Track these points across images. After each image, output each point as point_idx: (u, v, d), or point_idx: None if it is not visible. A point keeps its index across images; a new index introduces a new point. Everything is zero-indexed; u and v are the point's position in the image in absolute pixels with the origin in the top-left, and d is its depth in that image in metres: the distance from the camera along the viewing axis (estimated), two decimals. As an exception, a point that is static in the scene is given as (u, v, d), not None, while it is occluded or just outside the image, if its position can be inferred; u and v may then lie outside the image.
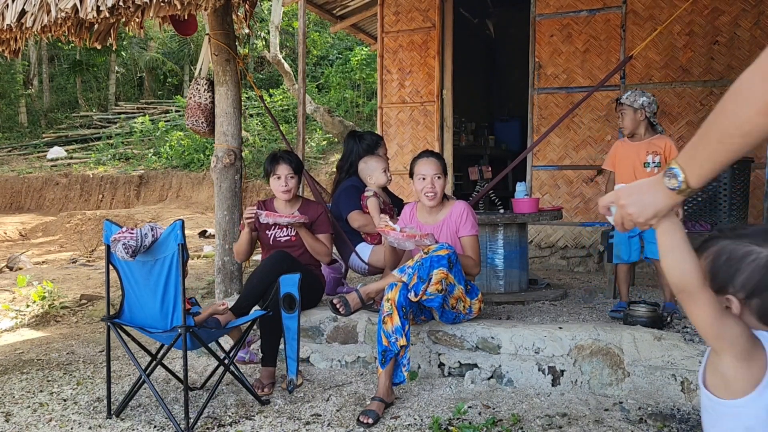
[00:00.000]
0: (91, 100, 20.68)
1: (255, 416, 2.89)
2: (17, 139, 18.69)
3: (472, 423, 2.70)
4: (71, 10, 3.25)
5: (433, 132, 6.39)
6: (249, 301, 3.29)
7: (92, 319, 5.13)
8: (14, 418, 2.95)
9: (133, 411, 3.01)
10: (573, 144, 5.72)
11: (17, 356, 4.08)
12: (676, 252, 1.16)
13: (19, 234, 11.96)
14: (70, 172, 15.14)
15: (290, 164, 3.52)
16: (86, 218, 11.49)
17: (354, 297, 3.04)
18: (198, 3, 3.24)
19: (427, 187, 3.21)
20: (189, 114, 4.10)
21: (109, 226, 2.87)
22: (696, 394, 2.87)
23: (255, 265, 4.41)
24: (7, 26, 3.42)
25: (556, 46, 5.72)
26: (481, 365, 3.19)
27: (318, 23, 17.72)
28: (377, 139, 4.14)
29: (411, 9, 6.45)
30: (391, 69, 6.59)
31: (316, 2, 7.41)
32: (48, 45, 19.59)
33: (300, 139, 5.48)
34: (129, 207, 13.58)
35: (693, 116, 5.33)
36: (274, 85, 17.89)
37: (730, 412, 1.15)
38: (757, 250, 1.15)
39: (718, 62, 5.24)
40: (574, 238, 5.66)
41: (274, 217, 3.35)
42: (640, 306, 3.29)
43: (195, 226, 10.35)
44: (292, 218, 3.35)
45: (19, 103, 20.00)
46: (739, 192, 4.02)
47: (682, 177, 1.08)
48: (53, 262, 8.84)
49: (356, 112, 14.53)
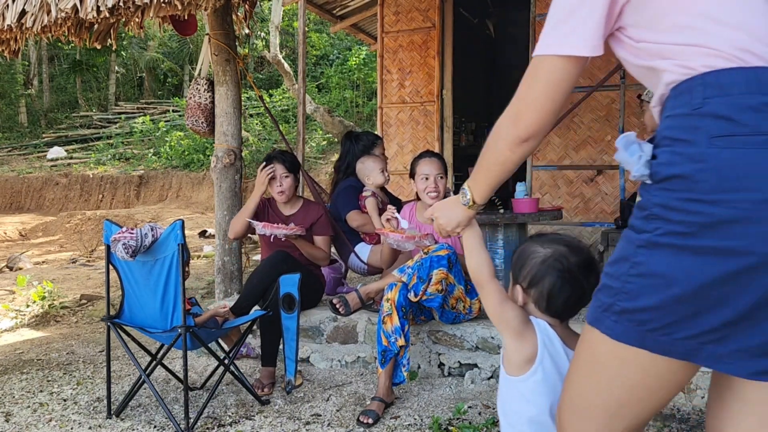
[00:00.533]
0: (91, 100, 20.69)
1: (255, 416, 2.89)
2: (17, 139, 18.69)
3: (472, 423, 2.70)
4: (71, 10, 3.25)
5: (433, 132, 6.39)
6: (249, 301, 3.29)
7: (92, 319, 5.13)
8: (14, 418, 2.95)
9: (133, 411, 3.01)
10: (573, 144, 5.72)
11: (17, 356, 4.08)
12: (474, 253, 1.48)
13: (19, 234, 11.96)
14: (70, 172, 15.14)
15: (284, 163, 3.51)
16: (86, 218, 11.49)
17: (354, 297, 3.04)
18: (198, 3, 3.24)
19: (430, 187, 3.21)
20: (189, 114, 4.10)
21: (109, 226, 2.87)
22: (696, 393, 2.88)
23: (255, 265, 4.42)
24: (7, 26, 3.42)
25: (556, 46, 5.72)
26: (481, 365, 3.19)
27: (318, 23, 17.72)
28: (374, 139, 4.13)
29: (411, 9, 6.45)
30: (391, 69, 6.59)
31: (316, 2, 7.41)
32: (48, 45, 19.60)
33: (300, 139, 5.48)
34: (129, 207, 13.58)
35: (693, 116, 5.34)
36: (274, 85, 17.89)
37: (514, 386, 1.40)
38: (539, 250, 1.42)
39: (718, 62, 5.25)
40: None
41: (271, 229, 3.34)
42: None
43: (195, 226, 10.35)
44: (290, 230, 3.33)
45: (19, 103, 20.00)
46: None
47: (469, 195, 1.37)
48: (53, 262, 8.84)
49: (356, 112, 14.54)
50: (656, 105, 1.10)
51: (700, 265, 0.95)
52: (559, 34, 1.13)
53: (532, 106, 1.15)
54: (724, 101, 0.95)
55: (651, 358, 1.02)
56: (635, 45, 1.08)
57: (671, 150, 0.99)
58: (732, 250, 0.93)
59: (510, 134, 1.20)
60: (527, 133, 1.17)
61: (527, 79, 1.17)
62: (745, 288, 0.93)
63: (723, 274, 0.94)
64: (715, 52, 0.98)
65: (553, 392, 1.34)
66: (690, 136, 0.97)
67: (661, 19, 1.03)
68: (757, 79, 0.95)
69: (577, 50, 1.10)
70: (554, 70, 1.12)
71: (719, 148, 0.94)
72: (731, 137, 0.94)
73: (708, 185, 0.94)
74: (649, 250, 1.00)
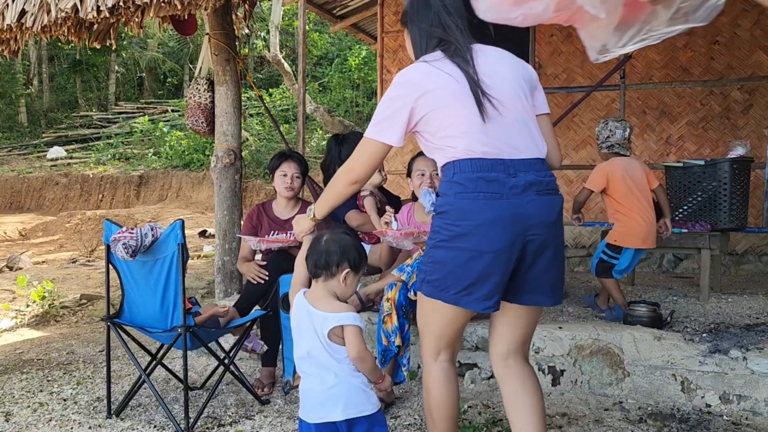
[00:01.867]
0: (91, 100, 20.69)
1: (255, 416, 2.89)
2: (17, 139, 18.69)
3: (472, 423, 2.70)
4: (71, 10, 3.25)
5: (433, 132, 6.39)
6: (249, 301, 3.28)
7: (92, 318, 5.13)
8: (14, 418, 2.95)
9: (133, 411, 3.01)
10: (573, 144, 5.72)
11: (17, 356, 4.08)
12: (301, 257, 2.13)
13: (19, 234, 11.96)
14: (70, 171, 15.14)
15: (299, 164, 3.51)
16: (86, 218, 11.49)
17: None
18: (198, 3, 3.24)
19: (426, 182, 3.21)
20: (189, 114, 4.10)
21: (109, 225, 2.87)
22: (696, 394, 2.88)
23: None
24: (7, 26, 3.42)
25: (556, 45, 5.72)
26: (481, 365, 3.19)
27: (318, 23, 17.72)
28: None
29: (411, 9, 6.44)
30: (391, 69, 6.58)
31: (316, 2, 7.40)
32: (48, 45, 19.58)
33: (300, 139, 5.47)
34: (129, 207, 13.57)
35: (693, 116, 5.33)
36: (274, 85, 17.89)
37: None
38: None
39: (718, 62, 5.24)
40: (573, 238, 5.66)
41: (266, 243, 3.34)
42: (640, 306, 3.29)
43: (195, 225, 10.35)
44: (285, 242, 3.33)
45: (19, 102, 19.99)
46: (739, 192, 4.02)
47: (312, 212, 2.14)
48: (53, 262, 8.84)
49: (356, 112, 14.54)
50: (438, 172, 2.05)
51: (454, 256, 1.82)
52: (380, 128, 1.91)
53: (358, 164, 1.96)
54: (461, 176, 1.81)
55: (444, 305, 1.88)
56: (425, 141, 1.94)
57: (441, 198, 1.88)
58: (467, 248, 1.80)
59: (345, 180, 2.00)
60: (354, 180, 1.99)
61: (358, 148, 1.96)
62: (474, 266, 1.79)
63: (465, 260, 1.80)
64: (458, 150, 1.83)
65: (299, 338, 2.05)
66: (448, 191, 1.85)
67: (437, 131, 1.87)
68: (476, 165, 1.80)
69: (388, 140, 1.91)
70: (373, 148, 1.93)
71: (458, 199, 1.82)
72: (462, 193, 1.81)
73: (454, 216, 1.82)
74: (435, 249, 1.87)
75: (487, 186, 1.79)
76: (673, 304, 3.88)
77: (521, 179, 1.80)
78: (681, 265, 5.47)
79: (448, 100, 1.84)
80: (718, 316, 3.54)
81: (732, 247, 5.21)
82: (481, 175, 1.79)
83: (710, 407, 2.84)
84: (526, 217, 1.79)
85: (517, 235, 1.79)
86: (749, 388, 2.80)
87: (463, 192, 1.80)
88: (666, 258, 5.49)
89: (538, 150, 1.88)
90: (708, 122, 5.30)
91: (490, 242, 1.78)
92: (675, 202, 4.17)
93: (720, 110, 5.26)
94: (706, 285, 3.91)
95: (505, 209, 1.78)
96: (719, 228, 4.00)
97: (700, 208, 4.08)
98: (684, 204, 4.13)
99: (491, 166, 1.80)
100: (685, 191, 4.13)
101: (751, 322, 3.38)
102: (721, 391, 2.85)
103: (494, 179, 1.79)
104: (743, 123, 5.21)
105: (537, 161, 1.86)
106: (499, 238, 1.77)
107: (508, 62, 1.96)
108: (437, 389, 1.99)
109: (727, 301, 3.94)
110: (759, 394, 2.79)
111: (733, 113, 5.23)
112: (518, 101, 1.88)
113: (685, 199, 4.12)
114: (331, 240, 2.04)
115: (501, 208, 1.78)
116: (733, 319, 3.44)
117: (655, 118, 5.43)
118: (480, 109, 1.81)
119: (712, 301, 3.90)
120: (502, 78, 1.88)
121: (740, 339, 3.00)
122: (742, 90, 5.19)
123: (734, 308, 3.72)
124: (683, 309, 3.72)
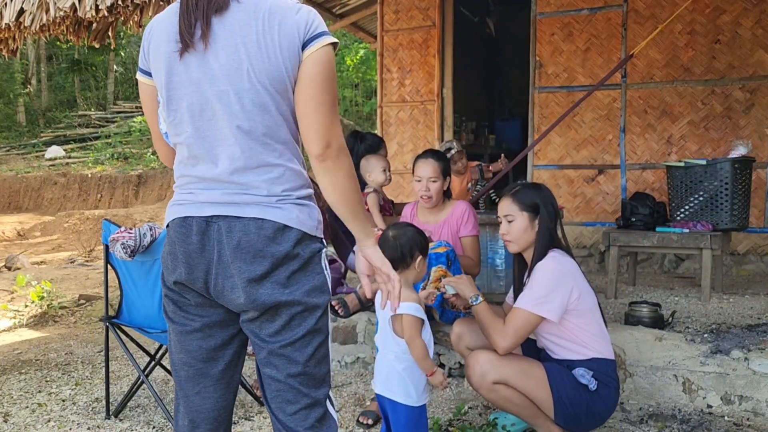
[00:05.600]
0: (89, 99, 20.66)
1: (254, 416, 2.88)
2: (15, 139, 18.66)
3: (472, 423, 2.69)
4: (70, 9, 3.23)
5: (433, 131, 6.38)
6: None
7: (91, 319, 5.11)
8: (13, 419, 2.94)
9: (131, 411, 2.99)
10: (574, 143, 5.71)
11: (15, 356, 4.07)
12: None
13: (17, 234, 11.94)
14: (69, 171, 15.11)
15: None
16: (84, 218, 11.48)
17: (352, 298, 3.02)
18: (197, 1, 3.22)
19: (422, 190, 3.20)
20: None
21: (107, 225, 2.85)
22: (697, 394, 2.86)
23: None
24: (6, 25, 3.40)
25: (557, 44, 5.71)
26: (482, 366, 3.17)
27: (317, 22, 17.66)
28: (379, 141, 4.14)
29: (411, 7, 6.43)
30: (391, 68, 6.57)
31: (315, 0, 7.38)
32: (46, 44, 19.56)
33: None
34: (127, 206, 13.55)
35: (694, 115, 5.31)
36: (274, 84, 17.83)
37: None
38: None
39: (720, 61, 5.22)
40: (575, 237, 5.65)
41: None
42: (641, 306, 3.28)
43: (194, 225, 10.31)
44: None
45: (17, 102, 19.97)
46: (741, 191, 4.00)
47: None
48: (51, 262, 8.82)
49: (356, 111, 14.52)
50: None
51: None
52: (539, 303, 2.25)
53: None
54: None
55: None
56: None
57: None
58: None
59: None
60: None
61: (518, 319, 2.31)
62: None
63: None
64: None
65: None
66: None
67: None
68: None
69: (549, 316, 2.22)
70: (528, 320, 2.28)
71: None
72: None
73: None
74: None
75: None
76: (674, 304, 3.87)
77: None
78: (682, 265, 5.45)
79: None
80: (720, 316, 3.53)
81: (733, 247, 5.19)
82: None
83: (712, 408, 2.83)
84: None
85: None
86: (751, 388, 2.79)
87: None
88: (667, 258, 5.47)
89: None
90: (709, 122, 5.28)
91: None
92: (676, 202, 4.16)
93: (721, 110, 5.24)
94: (707, 285, 3.90)
95: None
96: (721, 228, 3.99)
97: (701, 208, 4.06)
98: (685, 204, 4.11)
99: None
100: (687, 191, 4.11)
101: (753, 322, 3.36)
102: (723, 392, 2.83)
103: None
104: (745, 122, 5.20)
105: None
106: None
107: None
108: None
109: (728, 301, 3.92)
110: (761, 395, 2.77)
111: (734, 113, 5.22)
112: None
113: (687, 198, 4.11)
114: (397, 235, 2.21)
115: None
116: (734, 320, 3.43)
117: (657, 118, 5.41)
118: None
119: (713, 302, 3.89)
120: None
121: (742, 339, 2.98)
122: (743, 89, 5.18)
123: (736, 308, 3.71)
124: (684, 309, 3.71)
